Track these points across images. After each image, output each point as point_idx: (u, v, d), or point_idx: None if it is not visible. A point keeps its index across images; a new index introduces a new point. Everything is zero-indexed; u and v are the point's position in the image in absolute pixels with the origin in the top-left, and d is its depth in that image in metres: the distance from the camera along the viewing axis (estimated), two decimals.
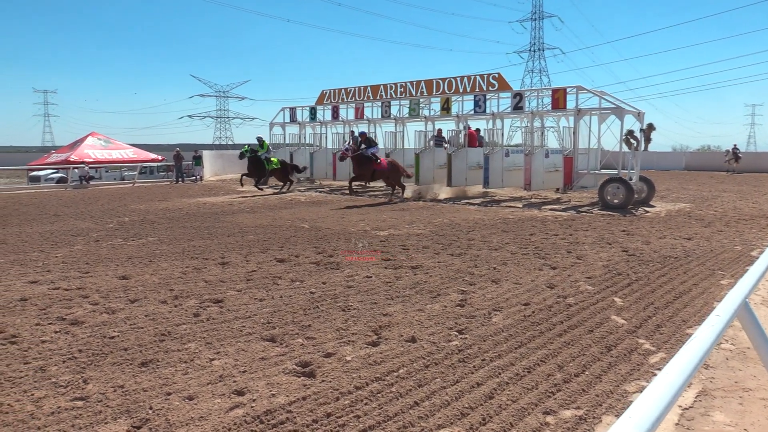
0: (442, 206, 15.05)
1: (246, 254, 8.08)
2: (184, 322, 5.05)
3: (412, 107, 19.91)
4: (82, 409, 3.44)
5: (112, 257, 8.00)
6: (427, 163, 18.51)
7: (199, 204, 15.63)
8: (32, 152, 62.18)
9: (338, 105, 22.52)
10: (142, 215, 12.95)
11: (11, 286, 6.37)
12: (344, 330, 4.83)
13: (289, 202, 16.25)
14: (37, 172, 29.29)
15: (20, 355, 4.31)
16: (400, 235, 9.79)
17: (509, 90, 17.45)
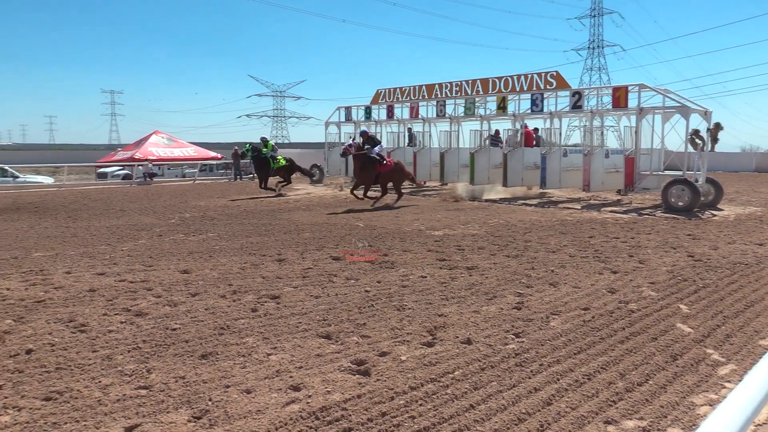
0: (498, 207, 14.85)
1: (302, 252, 8.19)
2: (242, 316, 5.16)
3: (467, 106, 19.72)
4: (146, 397, 3.56)
5: (174, 252, 8.26)
6: (482, 162, 18.31)
7: (256, 201, 15.97)
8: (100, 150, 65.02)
9: (393, 104, 22.53)
10: (202, 212, 13.33)
11: (81, 278, 6.67)
12: (399, 329, 4.82)
13: (344, 201, 16.38)
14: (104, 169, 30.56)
15: (89, 343, 4.51)
16: (455, 236, 9.71)
17: (568, 88, 17.04)
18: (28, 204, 15.56)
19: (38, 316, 5.21)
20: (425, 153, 20.81)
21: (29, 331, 4.78)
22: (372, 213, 13.16)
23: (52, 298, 5.81)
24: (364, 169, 14.63)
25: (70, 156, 46.64)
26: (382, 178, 14.88)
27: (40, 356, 4.24)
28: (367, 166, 14.62)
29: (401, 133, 22.48)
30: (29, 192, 20.28)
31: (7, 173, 23.81)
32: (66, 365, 4.06)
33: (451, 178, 19.64)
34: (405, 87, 22.31)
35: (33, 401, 3.51)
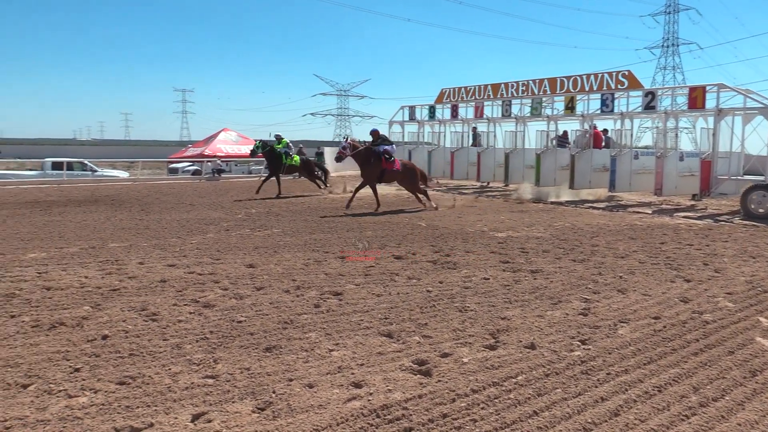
0: (564, 209, 14.49)
1: (364, 249, 8.25)
2: (306, 311, 5.25)
3: (534, 106, 19.34)
4: (213, 386, 3.68)
5: (241, 246, 8.50)
6: (548, 164, 17.91)
7: (320, 199, 16.22)
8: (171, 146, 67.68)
9: (457, 104, 22.38)
10: (267, 207, 13.65)
11: (153, 268, 6.96)
12: (461, 331, 4.78)
13: (406, 200, 16.38)
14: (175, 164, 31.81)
15: (160, 332, 4.70)
16: (519, 238, 9.54)
17: (640, 88, 16.41)
18: (104, 197, 16.37)
19: (113, 303, 5.47)
20: (489, 153, 20.56)
21: (105, 318, 5.03)
22: (434, 212, 13.11)
23: (126, 287, 6.09)
24: (366, 165, 13.43)
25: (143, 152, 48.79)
26: (387, 177, 13.76)
27: (114, 342, 4.45)
28: (370, 161, 13.36)
29: (465, 132, 22.28)
30: (106, 185, 21.35)
31: (86, 167, 25.13)
32: (138, 352, 4.25)
33: (516, 179, 19.33)
34: (470, 86, 22.10)
35: (108, 384, 3.69)
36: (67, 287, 6.03)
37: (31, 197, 16.12)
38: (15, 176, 23.77)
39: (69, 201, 15.06)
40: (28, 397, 3.51)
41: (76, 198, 15.95)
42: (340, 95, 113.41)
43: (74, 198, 15.94)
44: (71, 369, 3.92)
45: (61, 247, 8.31)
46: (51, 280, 6.35)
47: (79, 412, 3.31)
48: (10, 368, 3.92)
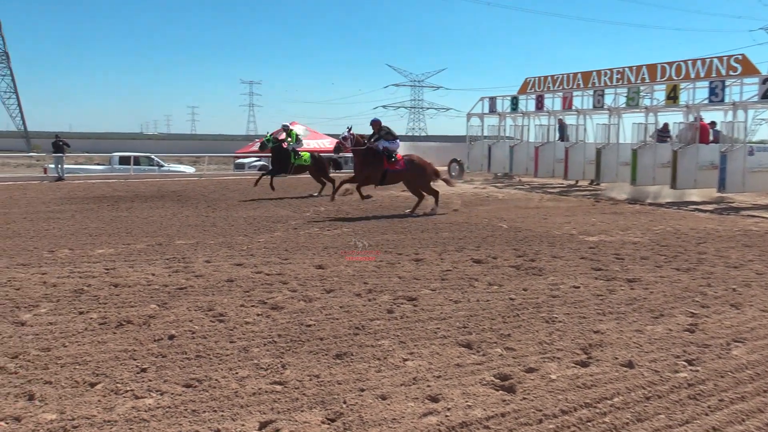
0: (664, 211, 13.87)
1: (440, 252, 8.21)
2: (378, 317, 5.26)
3: (630, 96, 18.61)
4: (281, 393, 3.74)
5: (309, 246, 8.65)
6: (646, 160, 17.18)
7: (392, 197, 16.26)
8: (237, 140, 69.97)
9: (543, 94, 21.90)
10: (337, 205, 13.82)
11: (220, 267, 7.18)
12: (548, 344, 4.65)
13: (485, 199, 16.19)
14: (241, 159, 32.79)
15: (227, 333, 4.83)
16: (613, 243, 9.21)
17: (757, 74, 15.47)
18: (171, 192, 17.09)
19: (180, 302, 5.68)
20: (579, 149, 19.97)
21: (172, 317, 5.23)
22: (517, 214, 12.87)
23: (192, 285, 6.32)
24: (365, 164, 12.47)
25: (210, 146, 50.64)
26: (391, 178, 12.73)
27: (181, 342, 4.61)
28: (369, 160, 12.43)
29: (551, 126, 21.76)
30: (172, 181, 22.30)
31: (153, 162, 26.38)
32: (205, 353, 4.38)
33: (609, 177, 18.66)
34: (557, 75, 21.59)
35: (174, 386, 3.82)
36: (135, 284, 6.32)
37: (99, 192, 17.06)
38: (83, 170, 25.27)
39: (136, 196, 15.83)
40: (95, 396, 3.68)
41: (143, 193, 16.73)
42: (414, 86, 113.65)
43: (141, 193, 16.73)
44: (138, 369, 4.09)
45: (129, 244, 8.73)
46: (118, 276, 6.68)
47: (146, 414, 3.44)
48: (78, 365, 4.14)
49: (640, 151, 17.41)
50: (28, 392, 3.69)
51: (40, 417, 3.38)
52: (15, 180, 21.90)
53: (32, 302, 5.63)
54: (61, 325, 4.97)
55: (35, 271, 6.92)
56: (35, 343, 4.55)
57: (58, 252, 8.08)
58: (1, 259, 7.59)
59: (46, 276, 6.66)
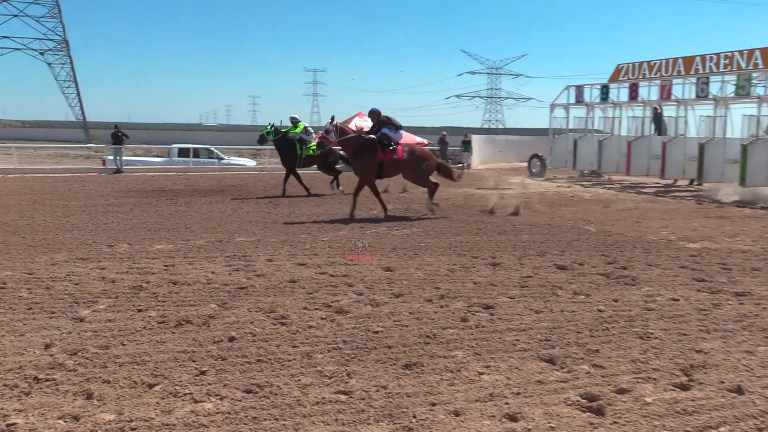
0: None
1: (520, 256, 8.10)
2: (451, 325, 5.24)
3: (740, 84, 17.80)
4: (345, 404, 3.78)
5: (376, 246, 8.70)
6: (759, 157, 16.40)
7: (466, 195, 16.18)
8: None
9: (638, 82, 21.28)
10: (405, 203, 13.86)
11: (282, 267, 7.33)
12: (643, 363, 4.51)
13: (569, 199, 15.88)
14: None
15: (289, 337, 4.93)
16: (719, 251, 8.84)
17: None
18: (231, 187, 17.58)
19: (240, 303, 5.83)
20: (678, 144, 19.26)
21: (232, 318, 5.37)
22: (606, 216, 12.54)
23: (253, 285, 6.47)
24: (358, 158, 11.95)
25: None
26: (388, 170, 12.14)
27: (241, 345, 4.73)
28: (362, 153, 11.87)
29: (646, 118, 21.10)
30: (232, 174, 22.93)
31: (212, 155, 27.18)
32: (266, 358, 4.48)
33: (713, 176, 17.92)
34: (654, 61, 20.95)
35: (234, 392, 3.92)
36: (194, 282, 6.54)
37: (158, 185, 17.74)
38: (142, 163, 26.31)
39: (195, 190, 16.37)
40: (153, 397, 3.82)
41: (202, 187, 17.28)
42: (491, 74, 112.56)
43: (200, 187, 17.28)
44: (197, 371, 4.22)
45: (188, 240, 9.03)
46: (177, 274, 6.92)
47: (205, 419, 3.55)
48: (137, 365, 4.31)
49: (751, 147, 16.63)
50: (86, 391, 3.87)
51: (98, 417, 3.54)
52: (74, 172, 23.07)
53: (91, 298, 5.90)
54: (119, 323, 5.19)
55: (94, 265, 7.25)
56: (94, 340, 4.77)
57: (117, 247, 8.45)
58: (61, 252, 7.99)
59: (105, 271, 6.97)
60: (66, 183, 18.46)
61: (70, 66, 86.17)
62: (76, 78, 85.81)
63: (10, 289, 6.17)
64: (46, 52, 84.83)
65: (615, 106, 22.42)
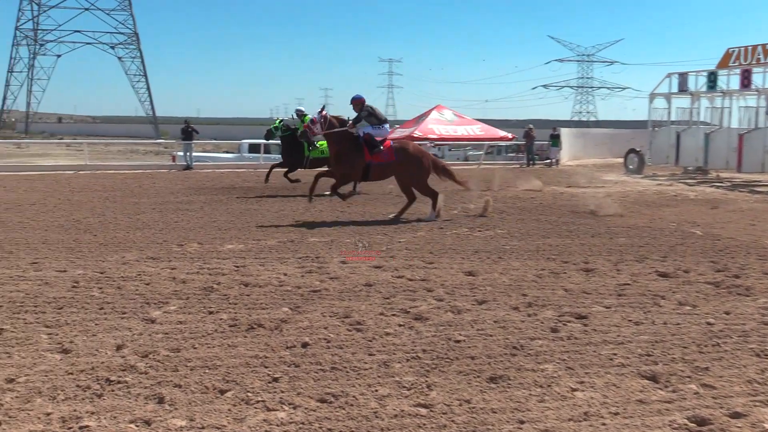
0: None
1: (616, 261, 7.91)
2: (540, 336, 5.16)
3: None
4: (426, 418, 3.76)
5: (457, 248, 8.67)
6: None
7: (555, 193, 15.94)
8: None
9: (750, 68, 20.40)
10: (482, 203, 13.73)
11: (357, 269, 7.40)
12: (760, 384, 4.31)
13: (672, 198, 15.39)
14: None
15: (365, 344, 4.95)
16: None
17: None
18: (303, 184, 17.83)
19: (314, 307, 5.91)
20: None
21: (305, 323, 5.45)
22: (714, 218, 12.09)
23: (327, 288, 6.55)
24: (341, 156, 11.52)
25: None
26: (375, 172, 11.58)
27: (315, 351, 4.79)
28: (347, 150, 11.43)
29: (761, 108, 20.19)
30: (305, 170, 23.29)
31: None
32: (341, 366, 4.51)
33: None
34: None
35: (308, 400, 3.97)
36: (266, 284, 6.67)
37: (228, 182, 18.25)
38: (211, 158, 27.09)
39: (266, 187, 16.71)
40: (225, 404, 3.92)
41: (274, 184, 17.62)
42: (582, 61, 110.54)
43: (271, 184, 17.62)
44: (270, 378, 4.30)
45: (259, 239, 9.24)
46: (249, 275, 7.08)
47: (278, 429, 3.61)
48: (208, 370, 4.43)
49: None
50: (158, 395, 4.00)
51: (169, 422, 3.65)
52: (143, 168, 24.03)
53: (162, 299, 6.12)
54: (190, 325, 5.35)
55: (165, 265, 7.52)
56: (165, 342, 4.93)
57: (187, 246, 8.73)
58: (132, 251, 8.32)
59: (176, 271, 7.21)
60: (136, 180, 19.22)
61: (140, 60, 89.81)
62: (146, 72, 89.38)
63: (83, 288, 6.48)
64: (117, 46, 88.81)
65: (724, 96, 21.59)
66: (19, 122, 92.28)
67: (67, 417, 3.69)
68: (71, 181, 18.93)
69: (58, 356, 4.66)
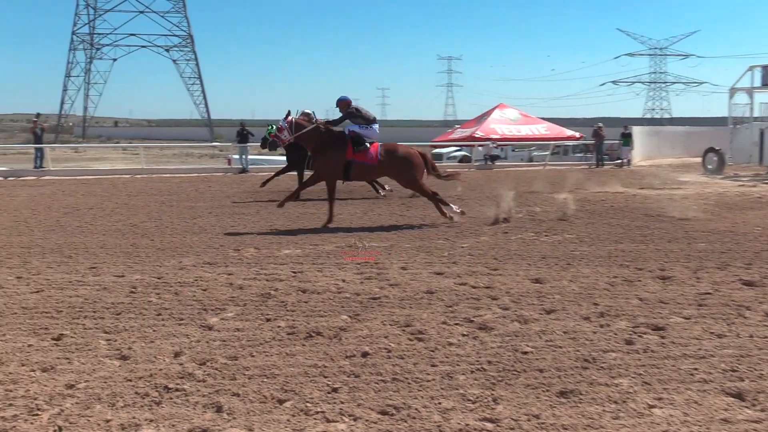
0: None
1: (695, 269, 7.70)
2: (613, 348, 5.05)
3: None
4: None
5: (523, 254, 8.59)
6: None
7: (627, 196, 15.64)
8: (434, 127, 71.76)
9: None
10: (555, 206, 13.56)
11: (417, 276, 7.39)
12: None
13: (756, 201, 14.92)
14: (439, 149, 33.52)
15: (427, 354, 4.94)
16: None
17: None
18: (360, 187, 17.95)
19: (373, 315, 5.93)
20: None
21: (365, 331, 5.47)
22: None
23: (387, 296, 6.57)
24: (321, 154, 11.44)
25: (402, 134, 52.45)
26: (357, 172, 11.60)
27: (375, 361, 4.80)
28: (328, 147, 11.35)
29: None
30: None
31: None
32: (403, 377, 4.51)
33: None
34: None
35: (369, 412, 3.98)
36: (324, 291, 6.73)
37: (283, 185, 18.42)
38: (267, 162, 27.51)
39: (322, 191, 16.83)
40: (284, 414, 3.95)
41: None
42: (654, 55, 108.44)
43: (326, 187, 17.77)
44: (329, 388, 4.32)
45: (316, 244, 9.33)
46: (306, 281, 7.16)
47: None
48: (267, 378, 4.48)
49: None
50: (216, 403, 4.06)
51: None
52: (199, 171, 24.57)
53: (219, 305, 6.23)
54: (248, 332, 5.44)
55: (221, 270, 7.66)
56: (223, 350, 5.02)
57: (244, 251, 8.88)
58: (189, 256, 8.52)
59: (233, 277, 7.34)
60: (192, 183, 19.68)
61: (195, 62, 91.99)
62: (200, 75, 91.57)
63: (140, 294, 6.66)
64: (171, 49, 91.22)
65: None
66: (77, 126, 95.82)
67: (126, 424, 3.79)
68: (128, 185, 19.53)
69: (116, 362, 4.79)
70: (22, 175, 23.48)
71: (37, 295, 6.70)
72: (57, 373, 4.60)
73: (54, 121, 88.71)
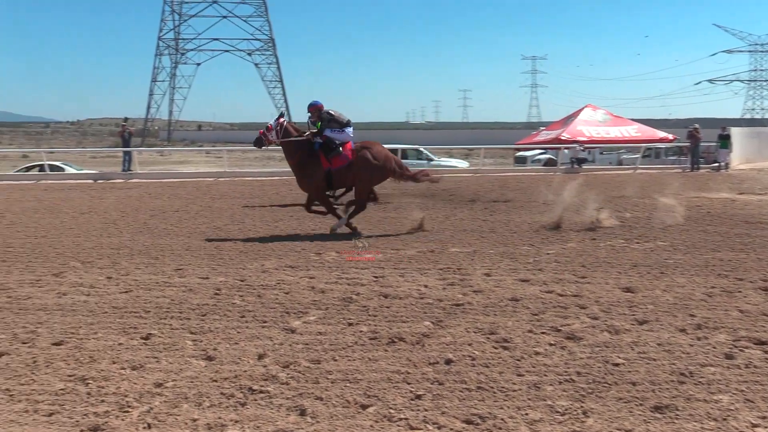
0: None
1: None
2: (712, 363, 4.90)
3: None
4: None
5: (613, 262, 8.40)
6: None
7: (725, 202, 15.11)
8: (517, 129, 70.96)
9: None
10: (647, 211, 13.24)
11: (502, 282, 7.33)
12: None
13: None
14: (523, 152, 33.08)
15: (513, 363, 4.90)
16: None
17: None
18: (442, 191, 17.89)
19: (457, 321, 5.92)
20: None
21: (448, 338, 5.46)
22: None
23: (470, 302, 6.54)
24: (302, 167, 11.35)
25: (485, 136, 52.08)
26: (339, 179, 11.42)
27: (459, 369, 4.79)
28: (304, 161, 11.30)
29: None
30: (443, 177, 23.40)
31: (422, 155, 27.93)
32: (488, 385, 4.48)
33: None
34: None
35: (453, 421, 3.97)
36: (406, 296, 6.76)
37: None
38: None
39: (402, 194, 16.88)
40: (367, 420, 3.99)
41: (410, 191, 17.78)
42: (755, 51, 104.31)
43: (408, 191, 17.79)
44: (412, 395, 4.34)
45: (398, 249, 9.37)
46: (388, 286, 7.20)
47: None
48: (349, 383, 4.53)
49: None
50: (299, 406, 4.14)
51: None
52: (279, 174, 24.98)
53: (301, 308, 6.35)
54: (330, 336, 5.51)
55: (303, 274, 7.80)
56: (305, 353, 5.11)
57: (325, 254, 9.00)
58: (271, 259, 8.70)
59: (314, 280, 7.46)
60: (273, 187, 20.06)
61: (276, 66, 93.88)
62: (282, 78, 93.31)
63: (224, 296, 6.85)
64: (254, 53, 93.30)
65: None
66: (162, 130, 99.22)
67: (212, 424, 3.91)
68: (211, 188, 20.08)
69: (202, 363, 4.95)
70: (111, 177, 24.43)
71: (126, 295, 6.98)
72: (146, 371, 4.79)
73: (141, 125, 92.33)
